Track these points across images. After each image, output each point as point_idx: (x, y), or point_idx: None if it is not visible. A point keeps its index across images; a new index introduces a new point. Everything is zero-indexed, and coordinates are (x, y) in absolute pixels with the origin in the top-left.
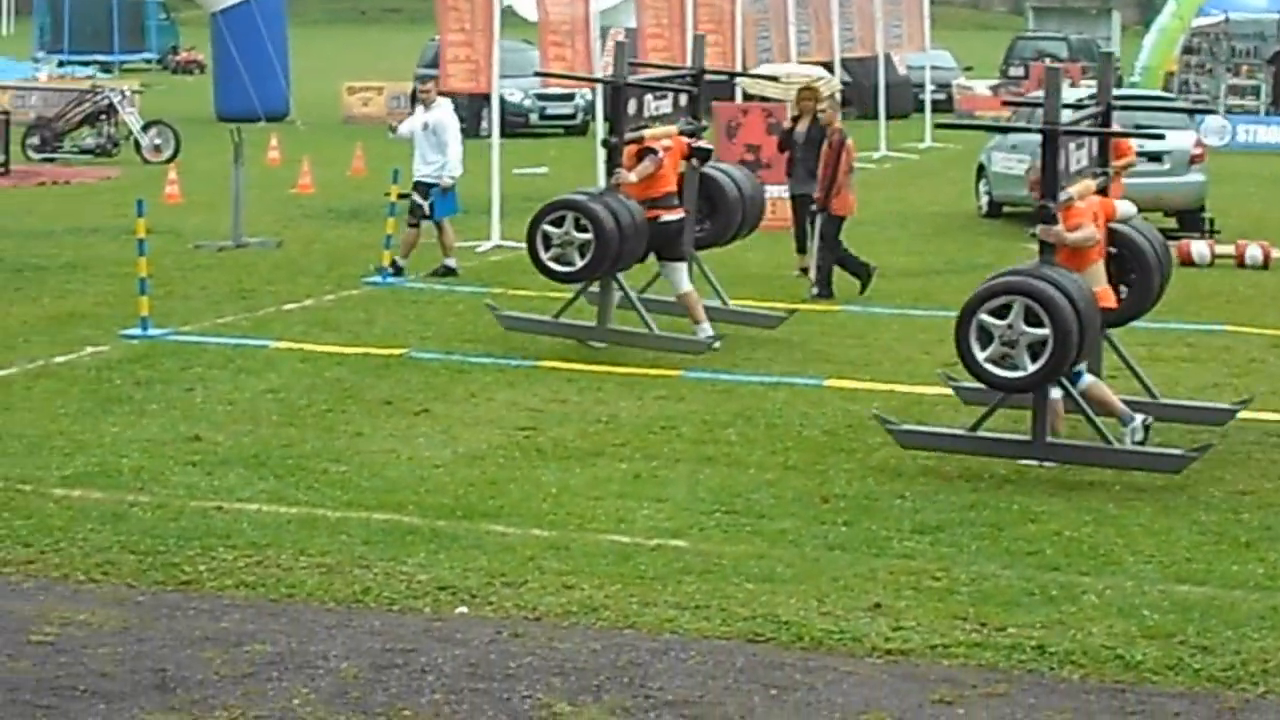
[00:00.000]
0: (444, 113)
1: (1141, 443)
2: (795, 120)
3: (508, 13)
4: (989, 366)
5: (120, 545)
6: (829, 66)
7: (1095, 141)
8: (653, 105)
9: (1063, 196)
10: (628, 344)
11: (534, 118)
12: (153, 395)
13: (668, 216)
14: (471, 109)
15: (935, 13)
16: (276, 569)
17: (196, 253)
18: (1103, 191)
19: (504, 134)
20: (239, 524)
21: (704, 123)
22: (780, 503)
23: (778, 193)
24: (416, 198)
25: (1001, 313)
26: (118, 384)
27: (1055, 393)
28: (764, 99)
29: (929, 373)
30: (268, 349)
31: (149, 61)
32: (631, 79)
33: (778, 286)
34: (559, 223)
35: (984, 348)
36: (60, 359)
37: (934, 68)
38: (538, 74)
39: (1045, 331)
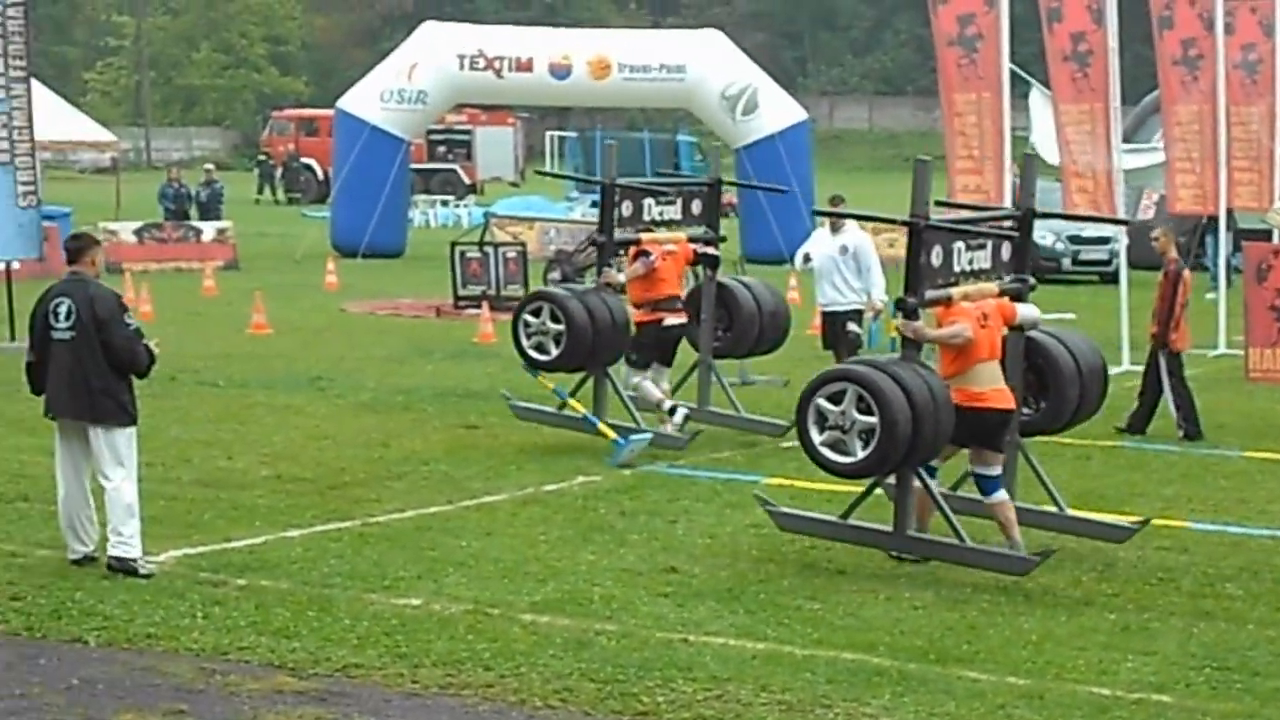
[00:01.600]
0: (863, 235)
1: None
2: None
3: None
4: (824, 450)
5: (580, 673)
6: None
7: (1006, 245)
8: (655, 210)
9: (937, 294)
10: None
11: (1066, 262)
12: (635, 525)
13: (670, 320)
14: None
15: None
16: (736, 704)
17: None
18: (1017, 296)
19: (1035, 280)
20: (702, 657)
21: (721, 232)
22: (1279, 660)
23: None
24: (854, 328)
25: (837, 398)
26: (602, 513)
27: (1003, 495)
28: None
29: None
30: (757, 485)
31: None
32: (623, 181)
33: None
34: (537, 313)
35: (820, 431)
36: (550, 487)
37: None
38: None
39: (874, 419)
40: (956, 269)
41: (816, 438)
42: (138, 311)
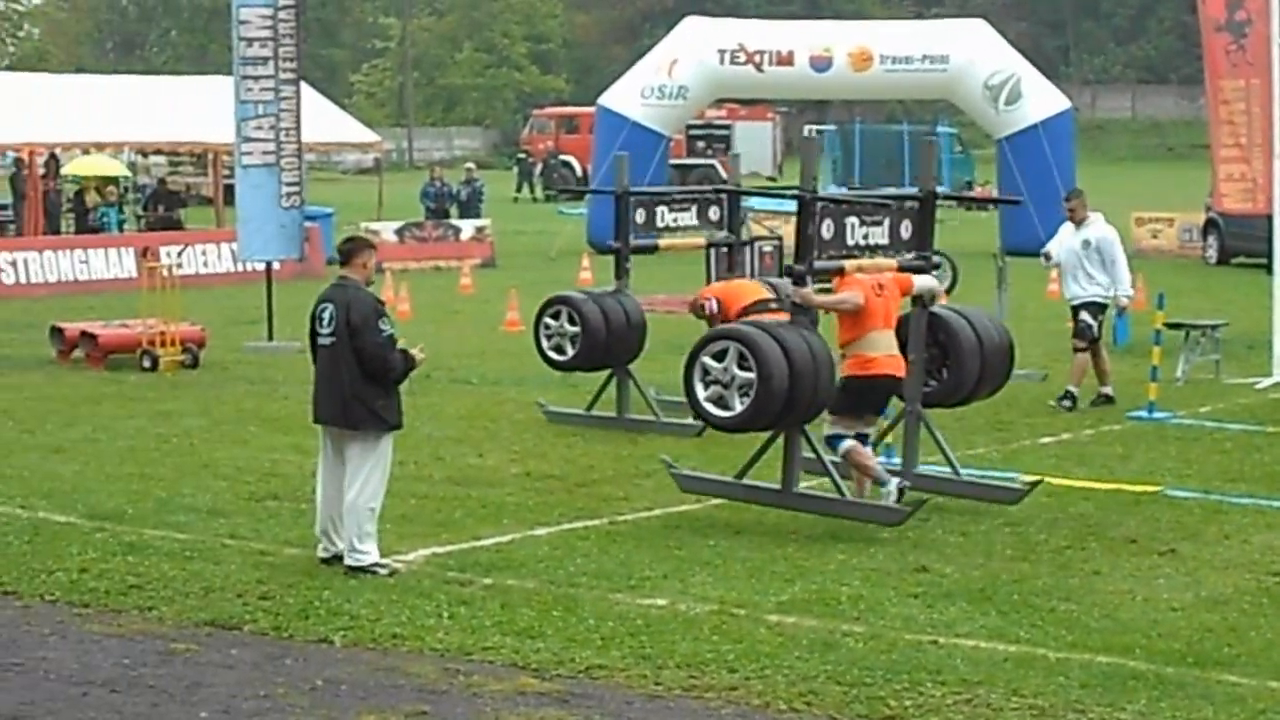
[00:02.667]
0: (1106, 229)
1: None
2: None
3: None
4: (707, 405)
5: (827, 675)
6: None
7: (906, 223)
8: (668, 217)
9: (827, 264)
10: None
11: None
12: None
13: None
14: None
15: None
16: (986, 709)
17: None
18: (918, 270)
19: None
20: (952, 659)
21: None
22: None
23: None
24: (1086, 317)
25: (720, 356)
26: None
27: (847, 444)
28: None
29: None
30: (1014, 483)
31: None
32: (635, 189)
33: None
34: (556, 316)
35: (705, 387)
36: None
37: None
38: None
39: (752, 375)
40: (850, 242)
41: (701, 393)
42: (396, 310)
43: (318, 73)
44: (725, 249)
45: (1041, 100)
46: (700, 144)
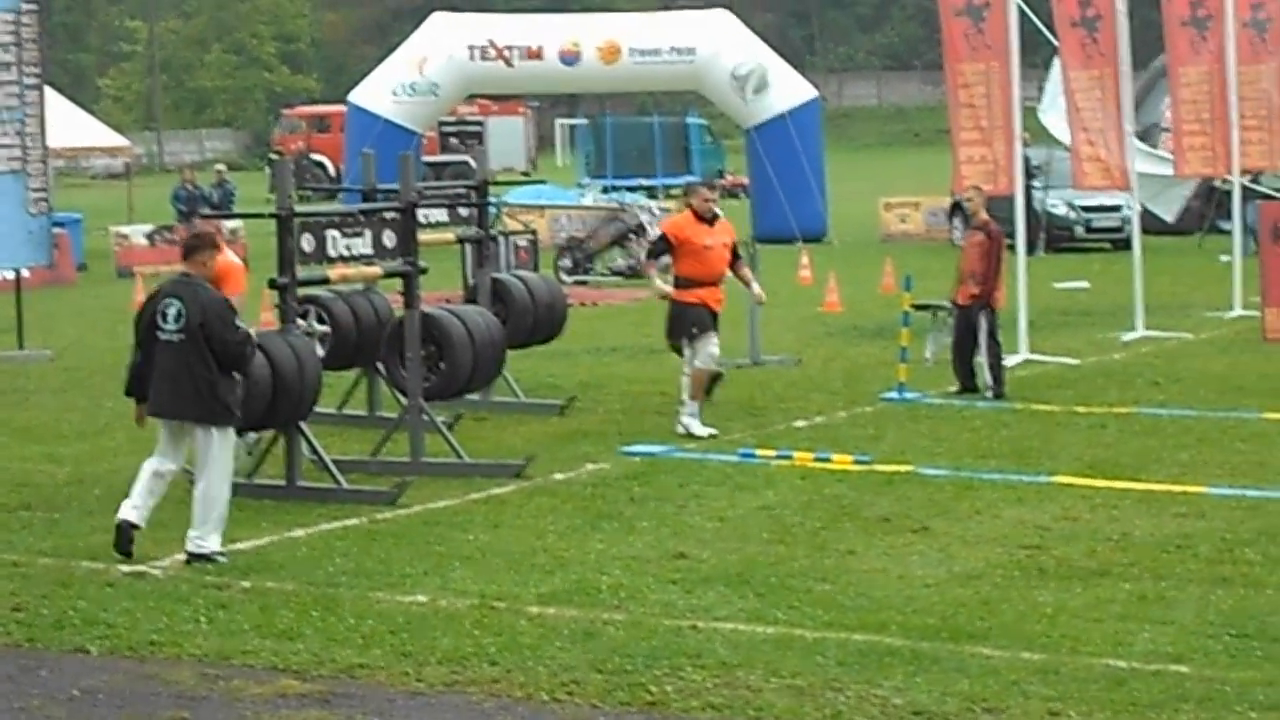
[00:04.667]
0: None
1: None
2: None
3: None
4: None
5: (589, 664)
6: None
7: (389, 232)
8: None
9: (311, 275)
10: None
11: (1079, 230)
12: (644, 512)
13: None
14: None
15: None
16: (746, 690)
17: None
18: (404, 277)
19: (1048, 248)
20: (711, 643)
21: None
22: None
23: None
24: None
25: None
26: (611, 500)
27: None
28: None
29: None
30: (769, 466)
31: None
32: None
33: None
34: (304, 316)
35: None
36: (559, 476)
37: None
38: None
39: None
40: (332, 254)
41: None
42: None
43: (64, 78)
44: (476, 244)
45: (788, 89)
46: (453, 140)
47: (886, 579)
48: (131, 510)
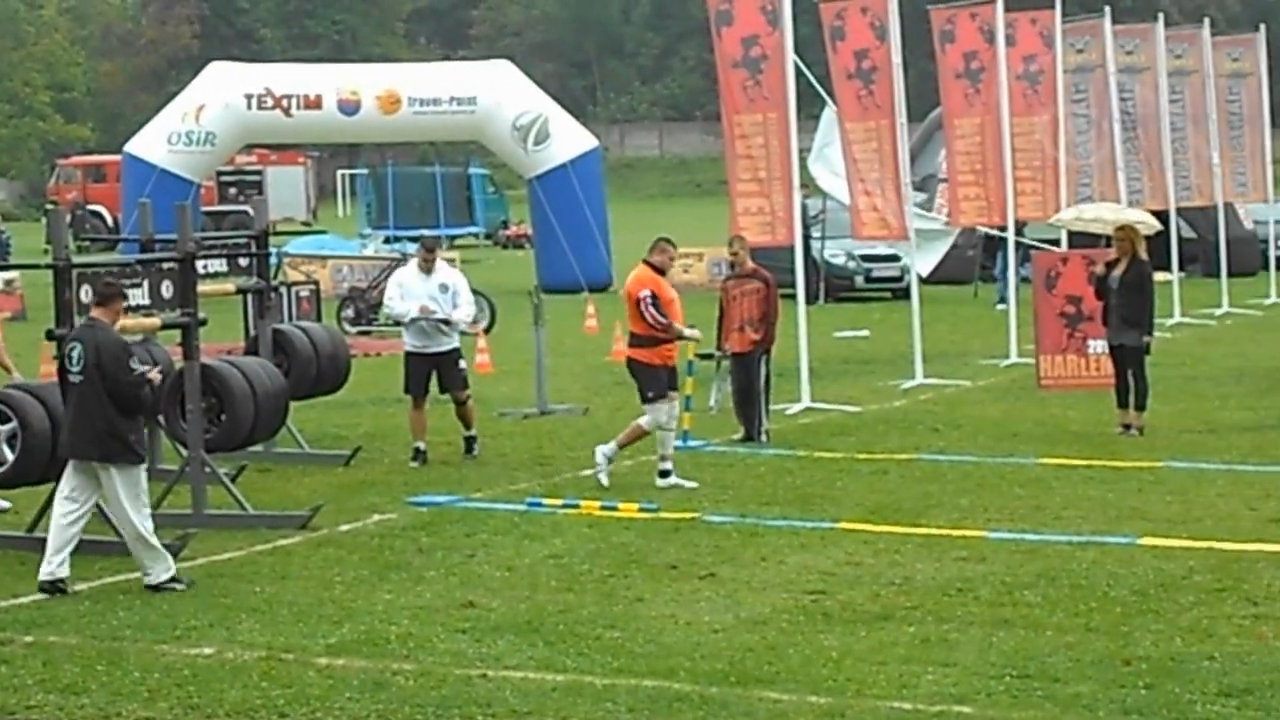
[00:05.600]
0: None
1: None
2: (1110, 265)
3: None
4: None
5: (378, 715)
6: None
7: (167, 283)
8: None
9: None
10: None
11: (859, 280)
12: (432, 562)
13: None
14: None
15: None
16: None
17: (500, 420)
18: (182, 328)
19: (828, 298)
20: (502, 692)
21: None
22: (1078, 666)
23: (1101, 347)
24: None
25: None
26: (398, 551)
27: None
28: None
29: (1251, 529)
30: (556, 515)
31: (476, 236)
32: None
33: (1097, 444)
34: None
35: None
36: (345, 527)
37: None
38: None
39: (14, 425)
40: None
41: None
42: None
43: None
44: (257, 295)
45: (570, 140)
46: (232, 190)
47: (675, 625)
48: (51, 569)
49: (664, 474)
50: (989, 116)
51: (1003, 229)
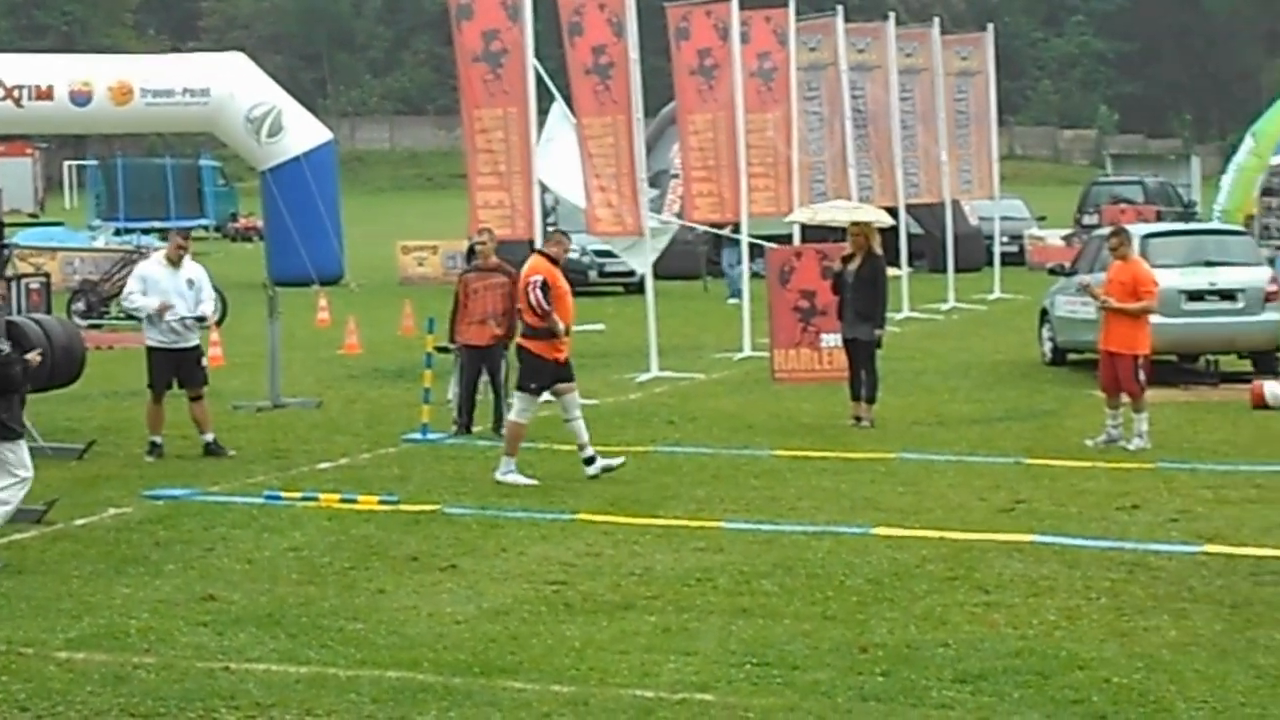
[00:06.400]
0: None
1: None
2: (846, 260)
3: None
4: None
5: (120, 708)
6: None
7: None
8: None
9: None
10: None
11: (593, 274)
12: (170, 555)
13: None
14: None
15: (1015, 167)
16: None
17: (234, 414)
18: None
19: None
20: (244, 684)
21: None
22: (815, 653)
23: (834, 341)
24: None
25: None
26: (136, 545)
27: None
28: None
29: (982, 519)
30: (294, 507)
31: (206, 228)
32: None
33: (830, 436)
34: None
35: None
36: (80, 521)
37: (1005, 218)
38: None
39: None
40: None
41: None
42: None
43: None
44: None
45: (303, 132)
46: None
47: (417, 616)
48: None
49: (589, 461)
50: (723, 113)
51: (736, 225)
